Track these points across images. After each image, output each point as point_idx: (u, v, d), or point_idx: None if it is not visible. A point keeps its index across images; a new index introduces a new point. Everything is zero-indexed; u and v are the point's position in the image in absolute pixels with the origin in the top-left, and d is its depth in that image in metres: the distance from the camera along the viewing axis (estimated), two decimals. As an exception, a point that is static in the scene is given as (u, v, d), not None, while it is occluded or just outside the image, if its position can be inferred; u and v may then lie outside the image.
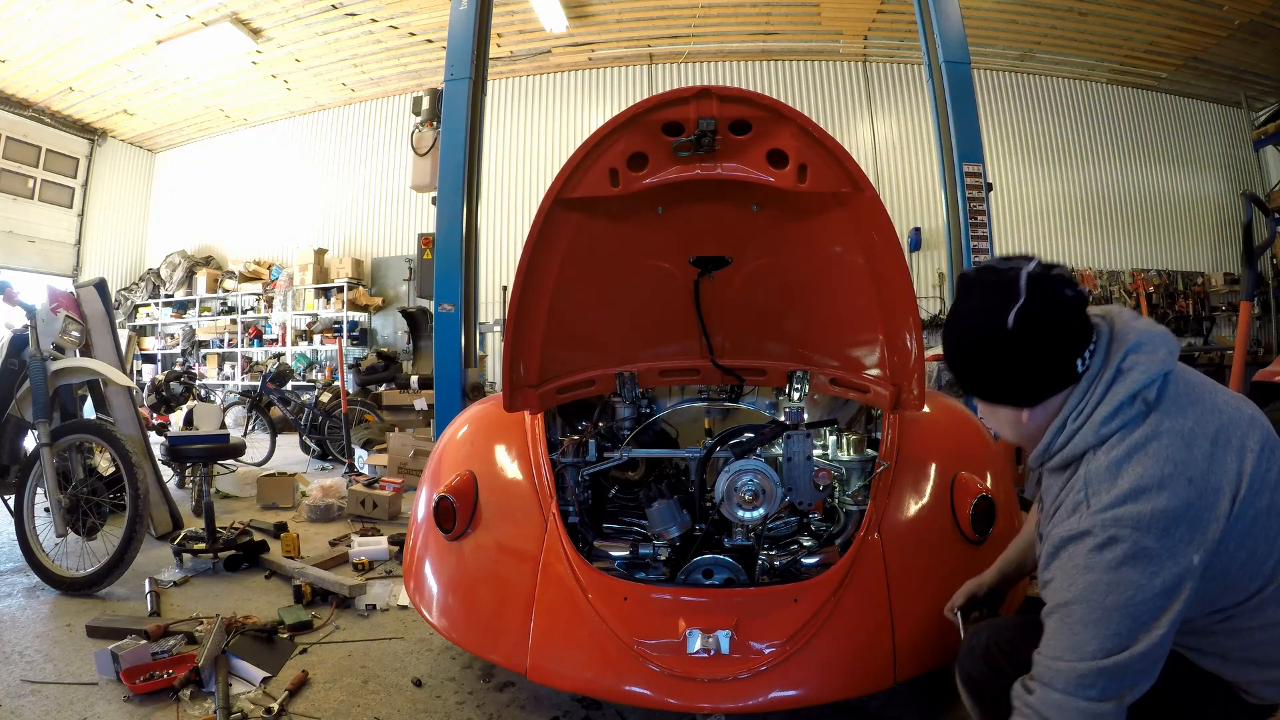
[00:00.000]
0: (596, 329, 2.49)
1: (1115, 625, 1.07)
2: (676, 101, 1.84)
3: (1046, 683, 1.11)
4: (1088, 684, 1.08)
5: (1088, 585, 1.09)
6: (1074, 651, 1.09)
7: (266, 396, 7.67)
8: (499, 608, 1.99)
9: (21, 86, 10.42)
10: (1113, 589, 1.08)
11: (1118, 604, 1.07)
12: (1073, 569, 1.12)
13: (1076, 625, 1.10)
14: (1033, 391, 1.23)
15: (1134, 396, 1.16)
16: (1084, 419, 1.19)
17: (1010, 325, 1.17)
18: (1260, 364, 4.73)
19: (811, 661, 1.76)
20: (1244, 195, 3.80)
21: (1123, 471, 1.13)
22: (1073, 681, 1.08)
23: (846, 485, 2.33)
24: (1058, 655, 1.11)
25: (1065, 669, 1.09)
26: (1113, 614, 1.07)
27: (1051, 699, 1.10)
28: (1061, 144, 11.12)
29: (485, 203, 5.15)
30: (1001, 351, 1.20)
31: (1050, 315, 1.17)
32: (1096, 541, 1.10)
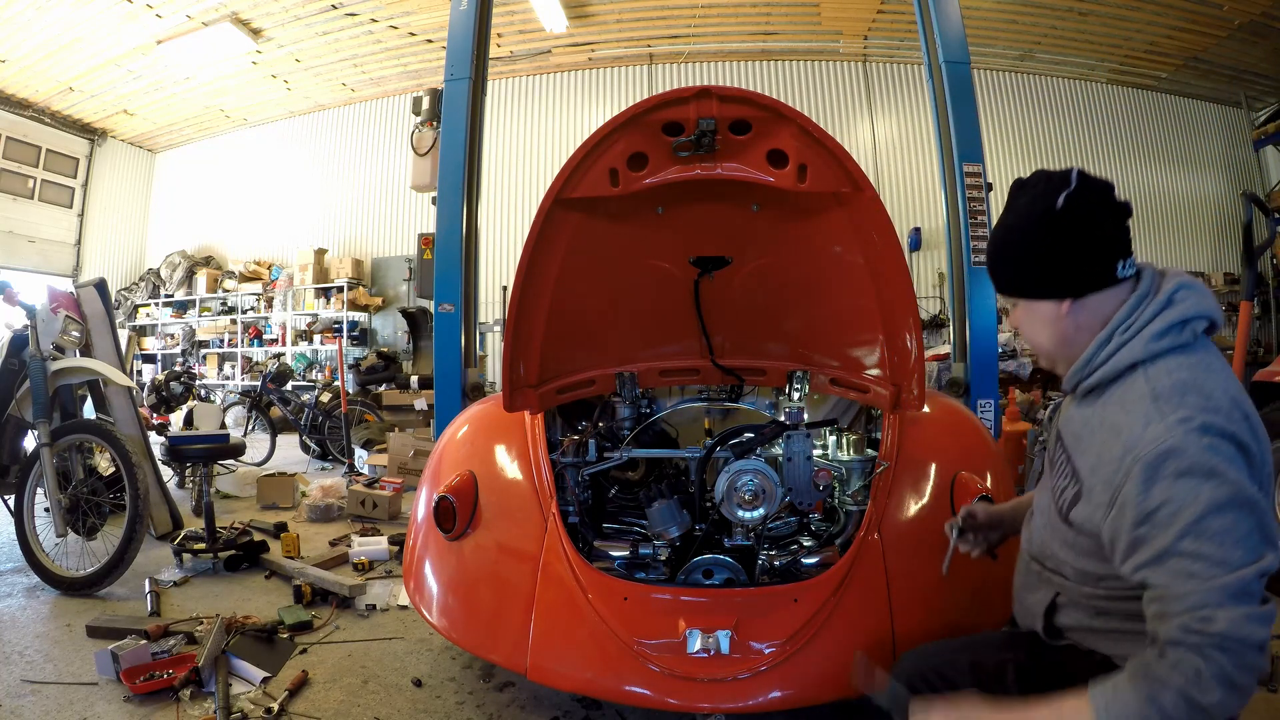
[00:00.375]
0: (596, 329, 2.48)
1: (1254, 521, 1.03)
2: (676, 101, 1.84)
3: (1219, 604, 1.00)
4: (1253, 589, 1.01)
5: (1218, 489, 1.03)
6: (1226, 565, 1.01)
7: (266, 396, 7.67)
8: (499, 608, 1.99)
9: (21, 86, 10.42)
10: (1240, 483, 1.03)
11: (1249, 499, 1.03)
12: (1189, 479, 1.04)
13: (1221, 538, 1.02)
14: (1076, 280, 1.22)
15: (1185, 322, 1.16)
16: (1133, 333, 1.18)
17: (1060, 207, 1.19)
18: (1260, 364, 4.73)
19: (811, 661, 1.76)
20: (1244, 195, 3.80)
21: (1195, 383, 1.11)
22: (1244, 591, 1.00)
23: (846, 485, 2.33)
24: (1215, 577, 1.01)
25: (1230, 583, 1.00)
26: (1246, 513, 1.03)
27: (1237, 616, 0.99)
28: (1061, 144, 11.12)
29: (485, 203, 5.14)
30: (1048, 233, 1.21)
31: (1098, 204, 1.21)
32: (1203, 446, 1.05)
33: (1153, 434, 1.09)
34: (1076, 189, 1.20)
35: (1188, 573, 1.03)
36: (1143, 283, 1.23)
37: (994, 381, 3.70)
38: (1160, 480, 1.06)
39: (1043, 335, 1.29)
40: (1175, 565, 1.04)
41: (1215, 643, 0.99)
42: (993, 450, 2.30)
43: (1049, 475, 1.39)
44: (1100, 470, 1.17)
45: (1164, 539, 1.05)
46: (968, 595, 1.96)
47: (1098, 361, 1.22)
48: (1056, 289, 1.24)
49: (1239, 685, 0.99)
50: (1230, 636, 0.99)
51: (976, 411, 3.54)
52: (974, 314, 3.72)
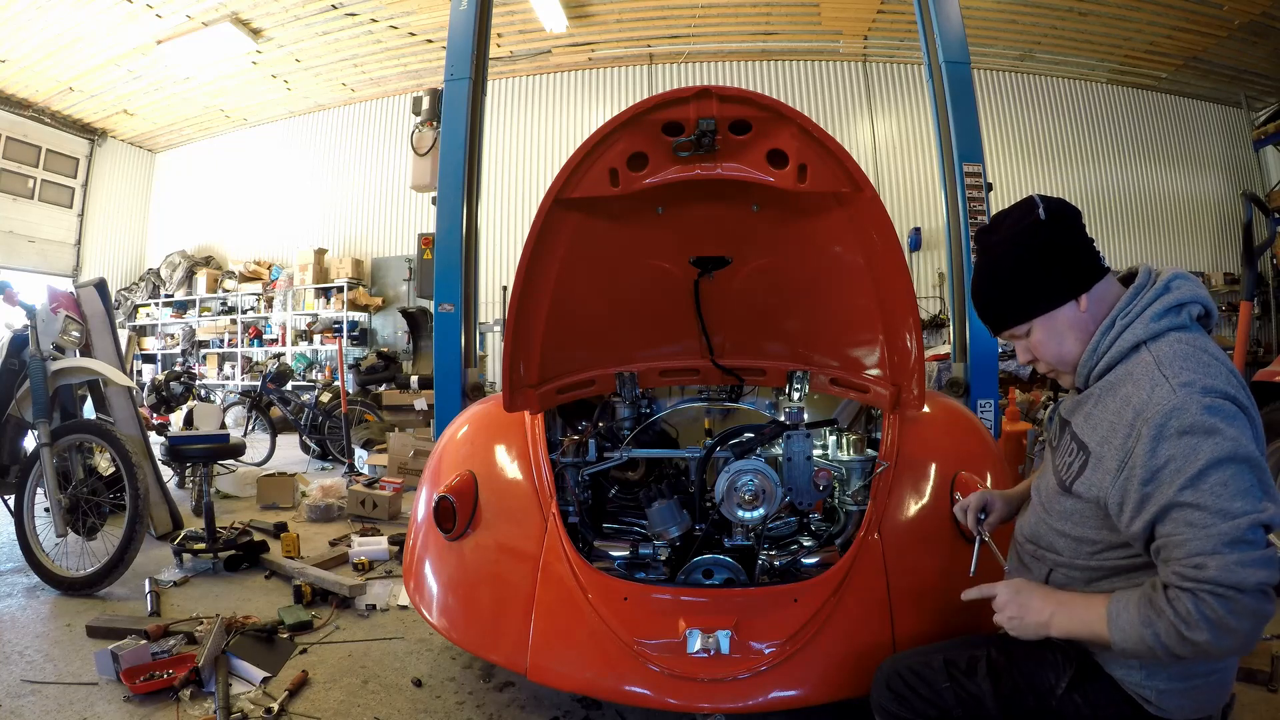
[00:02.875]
0: (596, 329, 2.48)
1: (1252, 476, 1.10)
2: (676, 101, 1.83)
3: (1212, 552, 1.08)
4: (1251, 538, 1.08)
5: (1218, 445, 1.10)
6: (1227, 515, 1.08)
7: (266, 396, 7.67)
8: (499, 608, 1.99)
9: (21, 86, 10.42)
10: (1239, 441, 1.11)
11: (1248, 455, 1.10)
12: (1191, 436, 1.12)
13: (1219, 489, 1.09)
14: (1083, 274, 1.31)
15: (1181, 306, 1.26)
16: (1134, 316, 1.28)
17: (1045, 218, 1.30)
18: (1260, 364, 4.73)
19: (811, 661, 1.76)
20: (1244, 195, 3.80)
21: (1194, 355, 1.20)
22: (1240, 539, 1.07)
23: (846, 485, 2.33)
24: (1213, 527, 1.08)
25: (1229, 531, 1.07)
26: (1245, 468, 1.10)
27: (1229, 562, 1.07)
28: (1061, 144, 11.12)
29: (485, 203, 5.14)
30: (1044, 243, 1.31)
31: (1070, 212, 1.33)
32: (1204, 405, 1.13)
33: (1159, 396, 1.17)
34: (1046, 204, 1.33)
35: (1187, 522, 1.11)
36: (1140, 275, 1.33)
37: (994, 381, 3.70)
38: (1166, 439, 1.14)
39: (1069, 341, 1.34)
40: (1177, 516, 1.12)
41: (1207, 587, 1.07)
42: (993, 450, 2.30)
43: (1050, 459, 1.45)
44: (1112, 438, 1.23)
45: (1167, 492, 1.13)
46: (968, 595, 1.96)
47: (1104, 346, 1.30)
48: (1070, 289, 1.32)
49: (1229, 628, 1.07)
50: (1220, 582, 1.06)
51: (976, 411, 3.54)
52: (974, 314, 3.71)
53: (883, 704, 1.48)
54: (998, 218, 1.39)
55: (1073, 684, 1.32)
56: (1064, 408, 1.43)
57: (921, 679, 1.43)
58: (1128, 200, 11.17)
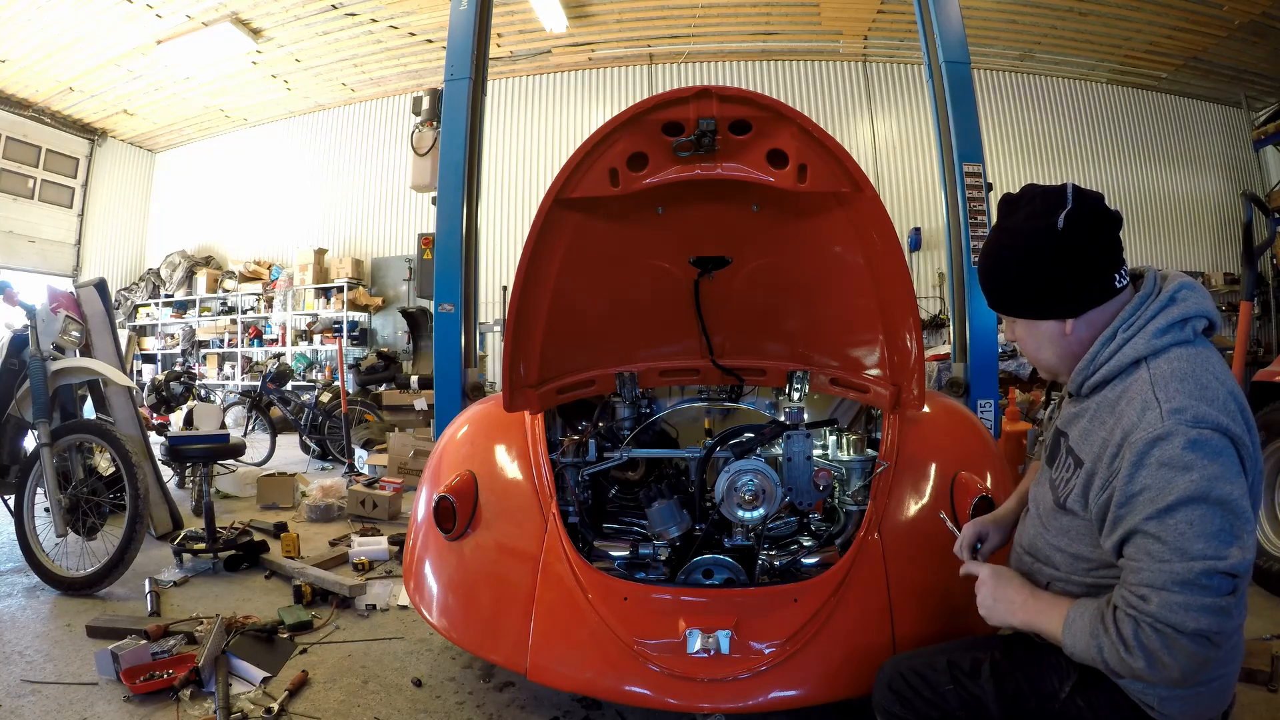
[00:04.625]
0: (596, 329, 2.48)
1: (1220, 522, 1.07)
2: (676, 101, 1.84)
3: (1159, 588, 1.08)
4: (1203, 584, 1.06)
5: (1192, 484, 1.08)
6: (1184, 556, 1.07)
7: (266, 396, 7.66)
8: (499, 608, 1.99)
9: (21, 86, 10.42)
10: (1215, 483, 1.08)
11: (1221, 498, 1.07)
12: (1170, 470, 1.10)
13: (1183, 528, 1.08)
14: (1080, 298, 1.26)
15: (1186, 320, 1.22)
16: (1137, 329, 1.23)
17: (1061, 227, 1.22)
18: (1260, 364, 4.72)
19: (811, 661, 1.76)
20: (1244, 195, 3.79)
21: (1194, 375, 1.16)
22: (1191, 583, 1.06)
23: (846, 485, 2.33)
24: (1167, 564, 1.08)
25: (1180, 573, 1.06)
26: (1216, 511, 1.07)
27: (1173, 602, 1.06)
28: (1061, 144, 11.12)
29: (485, 203, 5.14)
30: (1051, 255, 1.24)
31: (1096, 222, 1.23)
32: (1189, 439, 1.10)
33: (1148, 421, 1.14)
34: (1074, 208, 1.23)
35: (1147, 551, 1.11)
36: (1145, 284, 1.28)
37: (994, 381, 3.70)
38: (1145, 466, 1.13)
39: (1046, 352, 1.34)
40: (1140, 543, 1.13)
41: (1147, 620, 1.09)
42: (993, 450, 2.30)
43: (1046, 471, 1.44)
44: (1103, 456, 1.22)
45: (1136, 518, 1.13)
46: (967, 595, 1.95)
47: (1102, 359, 1.27)
48: (1060, 309, 1.29)
49: (1163, 662, 1.08)
50: (1159, 618, 1.07)
51: (976, 411, 3.54)
52: (974, 314, 3.72)
53: (884, 705, 1.48)
54: (1027, 194, 1.30)
55: (1076, 688, 1.31)
56: (1061, 419, 1.41)
57: (924, 680, 1.43)
58: (1128, 200, 11.17)
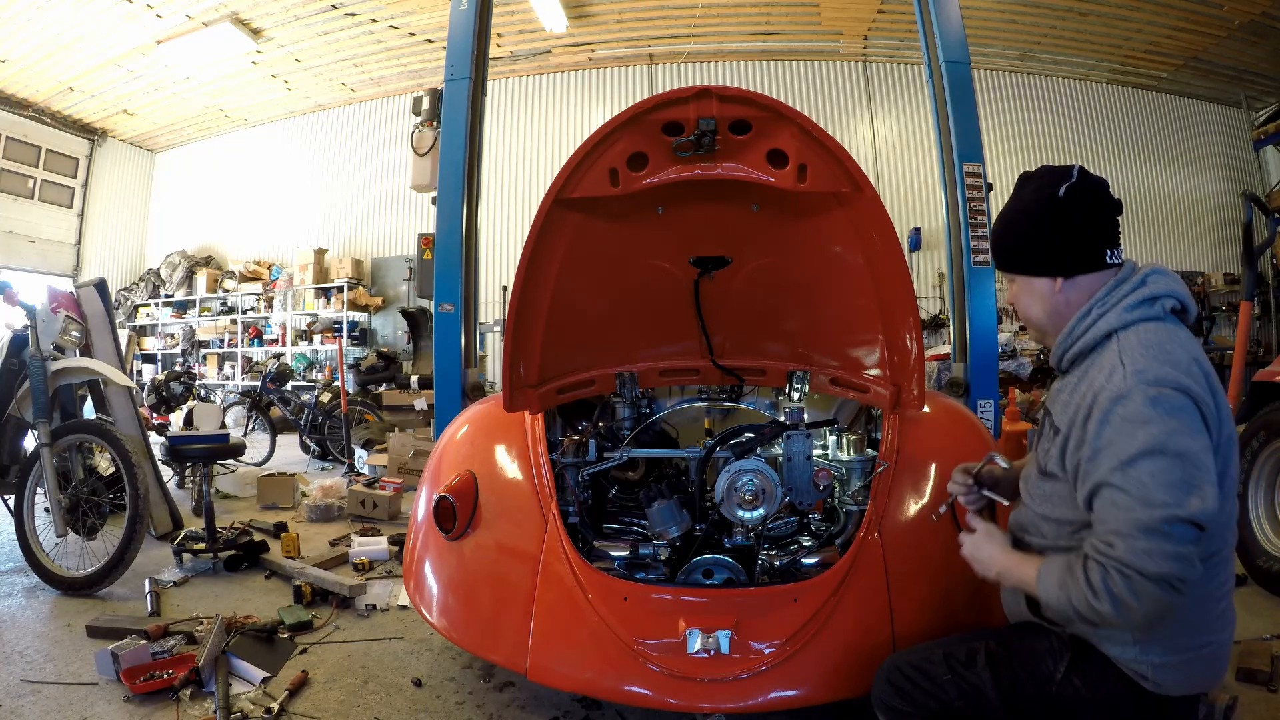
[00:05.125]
0: (596, 329, 2.48)
1: (1180, 473, 1.16)
2: (676, 101, 1.83)
3: (1124, 534, 1.16)
4: (1166, 530, 1.14)
5: (1150, 437, 1.17)
6: (1146, 504, 1.15)
7: (266, 396, 7.66)
8: (499, 608, 1.99)
9: (21, 86, 10.42)
10: (1172, 436, 1.17)
11: (1179, 451, 1.16)
12: (1130, 424, 1.20)
13: (1144, 478, 1.17)
14: (1070, 261, 1.39)
15: (1155, 299, 1.34)
16: (1110, 306, 1.35)
17: (1062, 195, 1.36)
18: (1260, 364, 4.72)
19: (811, 661, 1.76)
20: (1244, 195, 3.80)
21: (1159, 344, 1.27)
22: (1153, 529, 1.14)
23: (846, 485, 2.33)
24: (1130, 511, 1.16)
25: (1143, 519, 1.15)
26: (1175, 463, 1.16)
27: (1137, 547, 1.15)
28: (1061, 144, 11.11)
29: (485, 203, 5.13)
30: (1051, 218, 1.38)
31: (1093, 197, 1.38)
32: (1148, 396, 1.20)
33: (1113, 382, 1.25)
34: (1077, 182, 1.38)
35: (1112, 502, 1.20)
36: (1123, 270, 1.41)
37: (994, 381, 3.70)
38: (1109, 423, 1.23)
39: (1036, 308, 1.46)
40: (1106, 495, 1.22)
41: (1113, 564, 1.17)
42: (993, 450, 2.30)
43: (1035, 447, 1.53)
44: (1077, 419, 1.32)
45: (1101, 471, 1.22)
46: (967, 594, 1.96)
47: (1079, 331, 1.38)
48: (1052, 267, 1.41)
49: (1129, 605, 1.16)
50: (1124, 562, 1.16)
51: (976, 411, 3.54)
52: (974, 314, 3.72)
53: (884, 699, 1.50)
54: (1040, 171, 1.45)
55: (1070, 667, 1.36)
56: (1047, 398, 1.50)
57: (922, 673, 1.46)
58: (1128, 200, 11.03)
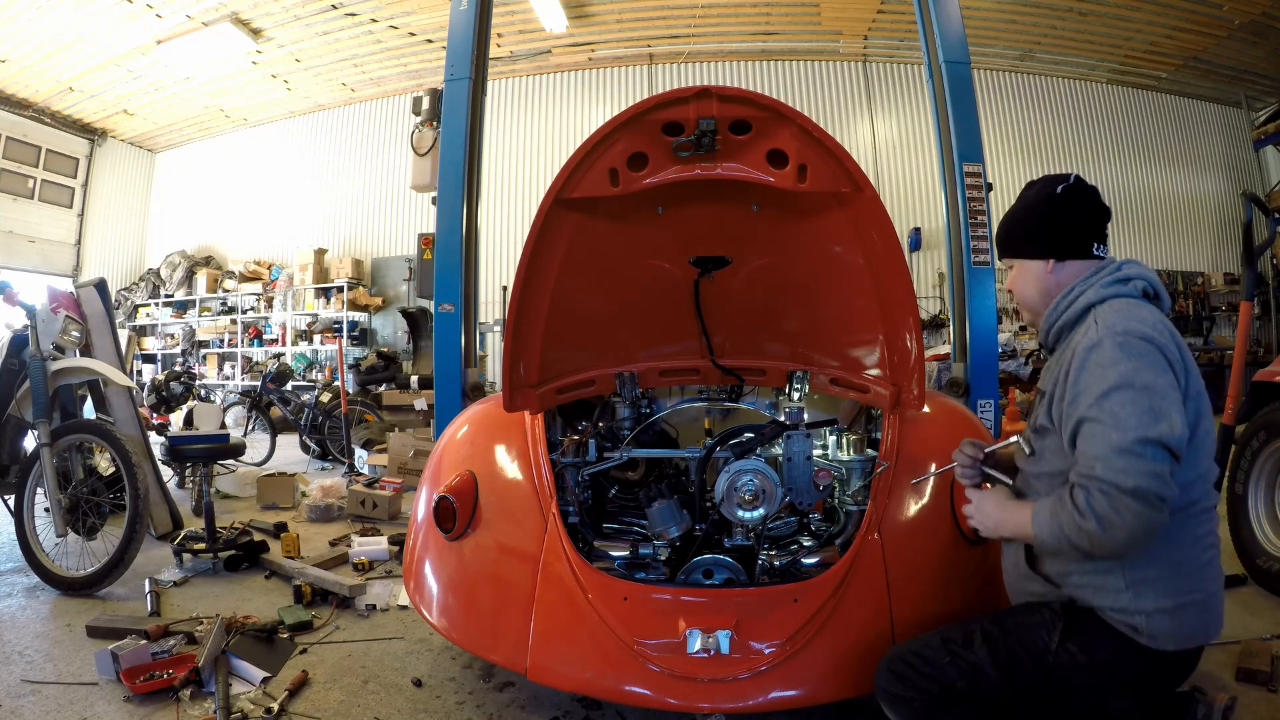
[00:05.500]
0: (596, 329, 2.48)
1: (1148, 402, 1.31)
2: (676, 101, 1.83)
3: (1102, 456, 1.30)
4: (1139, 450, 1.28)
5: (1119, 374, 1.34)
6: (1120, 428, 1.30)
7: (266, 396, 7.66)
8: (499, 608, 1.99)
9: (21, 86, 10.42)
10: (1139, 372, 1.34)
11: (1146, 384, 1.32)
12: (1102, 366, 1.36)
13: (1116, 408, 1.31)
14: (1061, 245, 1.60)
15: (1129, 279, 1.53)
16: (1089, 285, 1.54)
17: (1059, 192, 1.59)
18: (1260, 364, 4.72)
19: (811, 661, 1.76)
20: (1244, 195, 3.79)
21: (1128, 309, 1.44)
22: (1127, 449, 1.28)
23: (846, 485, 2.33)
24: (1106, 436, 1.31)
25: (1117, 440, 1.29)
26: (1143, 394, 1.31)
27: (1114, 466, 1.28)
28: (1061, 144, 11.12)
29: (485, 203, 5.14)
30: (1048, 209, 1.60)
31: (1084, 198, 1.60)
32: (1116, 343, 1.37)
33: (1088, 338, 1.43)
34: (1073, 184, 1.60)
35: (1090, 434, 1.35)
36: (1104, 261, 1.60)
37: (994, 381, 3.70)
38: (1085, 369, 1.40)
39: (1031, 288, 1.65)
40: (1085, 429, 1.36)
41: (1095, 484, 1.30)
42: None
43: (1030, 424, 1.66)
44: (1059, 377, 1.49)
45: (1080, 409, 1.38)
46: (967, 594, 1.96)
47: (1063, 306, 1.57)
48: (1045, 250, 1.61)
49: (1112, 522, 1.28)
50: (1105, 479, 1.29)
51: (976, 411, 3.54)
52: (974, 314, 3.72)
53: (886, 688, 1.54)
54: (1044, 178, 1.67)
55: (1064, 636, 1.43)
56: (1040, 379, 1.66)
57: (921, 658, 1.53)
58: (1128, 200, 11.17)
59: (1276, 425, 3.16)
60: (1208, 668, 2.37)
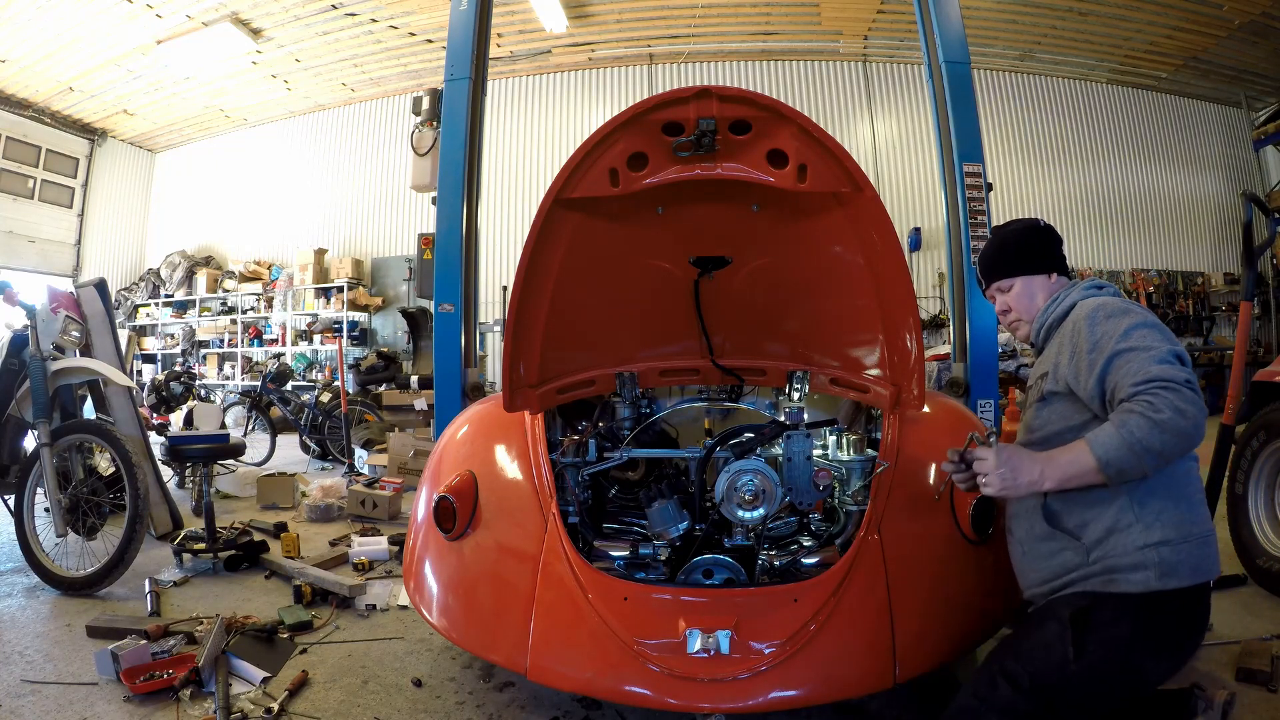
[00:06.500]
0: (596, 329, 2.48)
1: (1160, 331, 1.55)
2: (676, 101, 1.84)
3: (1149, 366, 1.46)
4: (1173, 359, 1.48)
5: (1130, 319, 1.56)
6: (1155, 348, 1.50)
7: (266, 396, 7.66)
8: (499, 608, 1.99)
9: (21, 86, 10.42)
10: (1145, 316, 1.59)
11: (1152, 322, 1.58)
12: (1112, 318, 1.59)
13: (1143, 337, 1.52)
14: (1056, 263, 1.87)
15: (1102, 287, 1.80)
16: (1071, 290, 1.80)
17: (1042, 226, 1.91)
18: (1260, 364, 4.72)
19: (811, 661, 1.76)
20: (1244, 195, 3.78)
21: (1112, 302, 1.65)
22: (1166, 359, 1.47)
23: (846, 485, 2.33)
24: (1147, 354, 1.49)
25: (1157, 354, 1.48)
26: (1155, 328, 1.56)
27: (1164, 369, 1.45)
28: (1061, 144, 11.12)
29: (485, 203, 5.14)
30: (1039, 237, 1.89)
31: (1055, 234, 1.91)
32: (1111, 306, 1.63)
33: (1082, 311, 1.67)
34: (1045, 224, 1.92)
35: (1126, 361, 1.51)
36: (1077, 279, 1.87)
37: (994, 381, 3.70)
38: (1098, 323, 1.60)
39: (1040, 297, 1.84)
40: (1118, 362, 1.53)
41: (1156, 384, 1.44)
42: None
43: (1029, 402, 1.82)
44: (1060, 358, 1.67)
45: (1107, 348, 1.55)
46: (968, 593, 1.96)
47: (1052, 308, 1.80)
48: (1047, 266, 1.87)
49: (1180, 408, 1.41)
50: (1161, 377, 1.44)
51: (976, 411, 3.54)
52: (974, 314, 3.72)
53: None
54: (1011, 222, 1.96)
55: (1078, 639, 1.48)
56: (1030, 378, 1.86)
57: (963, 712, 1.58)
58: (1128, 200, 11.17)
59: (1276, 425, 3.16)
60: (1208, 667, 2.38)
